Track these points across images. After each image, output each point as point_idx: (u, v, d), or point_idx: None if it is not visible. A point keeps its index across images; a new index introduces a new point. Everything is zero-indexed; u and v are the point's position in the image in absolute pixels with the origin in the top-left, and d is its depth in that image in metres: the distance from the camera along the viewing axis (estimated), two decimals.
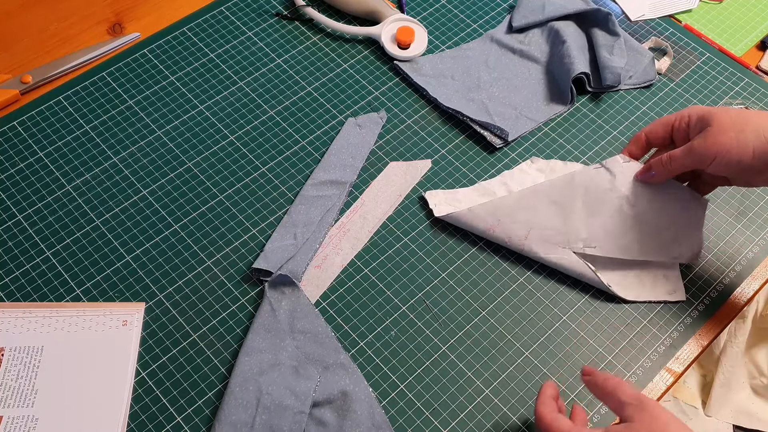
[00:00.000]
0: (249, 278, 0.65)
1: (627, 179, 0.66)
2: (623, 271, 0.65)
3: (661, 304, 0.65)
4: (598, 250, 0.64)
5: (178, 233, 0.67)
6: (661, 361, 0.62)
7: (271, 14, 0.84)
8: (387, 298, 0.64)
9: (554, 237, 0.65)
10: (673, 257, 0.65)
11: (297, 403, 0.57)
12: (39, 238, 0.66)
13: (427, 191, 0.70)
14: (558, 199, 0.66)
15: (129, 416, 0.57)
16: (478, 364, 0.61)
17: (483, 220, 0.65)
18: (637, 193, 0.65)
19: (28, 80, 0.76)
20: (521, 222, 0.65)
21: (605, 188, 0.66)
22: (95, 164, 0.71)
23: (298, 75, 0.79)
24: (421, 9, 0.86)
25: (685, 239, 0.65)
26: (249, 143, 0.73)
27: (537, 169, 0.72)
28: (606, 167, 0.66)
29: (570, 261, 0.64)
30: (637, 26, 0.85)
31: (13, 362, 0.59)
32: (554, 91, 0.78)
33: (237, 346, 0.61)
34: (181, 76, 0.78)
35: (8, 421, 0.56)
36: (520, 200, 0.66)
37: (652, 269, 0.65)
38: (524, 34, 0.83)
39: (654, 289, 0.65)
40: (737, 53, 0.83)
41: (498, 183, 0.71)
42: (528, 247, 0.64)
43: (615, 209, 0.65)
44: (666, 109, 0.78)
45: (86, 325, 0.61)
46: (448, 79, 0.79)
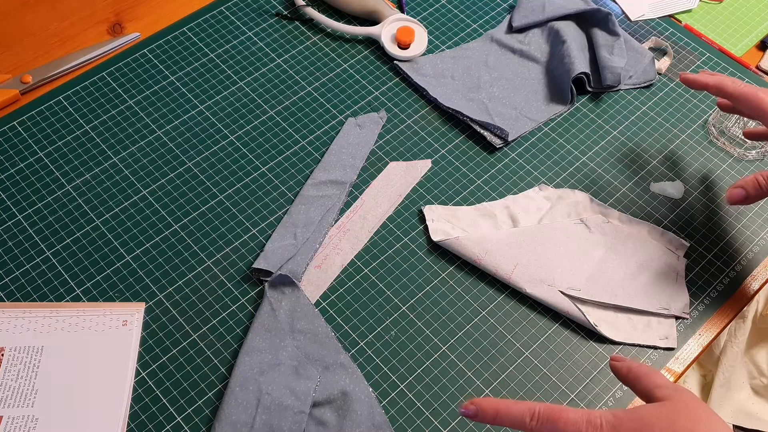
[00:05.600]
0: (249, 278, 0.65)
1: (606, 237, 0.67)
2: (614, 312, 0.64)
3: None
4: (583, 293, 0.63)
5: (178, 233, 0.67)
6: (661, 360, 0.62)
7: (271, 14, 0.84)
8: (387, 298, 0.64)
9: (539, 274, 0.64)
10: (663, 308, 0.64)
11: (297, 403, 0.57)
12: (39, 238, 0.66)
13: (427, 206, 0.69)
14: (542, 242, 0.66)
15: (129, 416, 0.57)
16: (478, 364, 0.61)
17: (470, 250, 0.65)
18: (617, 249, 0.66)
19: (28, 80, 0.76)
20: (507, 257, 0.65)
21: (585, 240, 0.67)
22: (95, 164, 0.71)
23: (298, 75, 0.79)
24: (421, 9, 0.86)
25: (672, 291, 0.65)
26: (249, 143, 0.73)
27: (544, 197, 0.70)
28: (585, 224, 0.67)
29: (556, 300, 0.63)
30: (637, 26, 0.85)
31: (13, 362, 0.59)
32: (554, 91, 0.78)
33: (237, 346, 0.61)
34: (181, 76, 0.78)
35: (8, 421, 0.56)
36: (508, 237, 0.66)
37: (644, 313, 0.64)
38: (524, 34, 0.83)
39: (645, 332, 0.63)
40: (737, 53, 0.83)
41: (500, 206, 0.69)
42: (514, 282, 0.64)
43: (596, 261, 0.65)
44: (666, 109, 0.78)
45: (86, 325, 0.61)
46: (448, 79, 0.79)
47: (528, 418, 0.44)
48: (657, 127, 0.76)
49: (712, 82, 0.65)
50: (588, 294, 0.64)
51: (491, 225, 0.68)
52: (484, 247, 0.65)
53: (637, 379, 0.47)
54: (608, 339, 0.62)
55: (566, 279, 0.64)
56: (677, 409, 0.43)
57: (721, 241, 0.69)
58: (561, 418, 0.43)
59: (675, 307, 0.64)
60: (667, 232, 0.68)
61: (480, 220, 0.68)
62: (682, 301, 0.65)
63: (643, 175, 0.73)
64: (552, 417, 0.44)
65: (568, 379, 0.61)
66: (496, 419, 0.45)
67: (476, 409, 0.46)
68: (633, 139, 0.76)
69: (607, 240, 0.67)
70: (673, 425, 0.42)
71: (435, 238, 0.67)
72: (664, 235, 0.68)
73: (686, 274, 0.66)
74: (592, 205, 0.70)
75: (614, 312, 0.64)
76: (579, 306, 0.63)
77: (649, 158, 0.74)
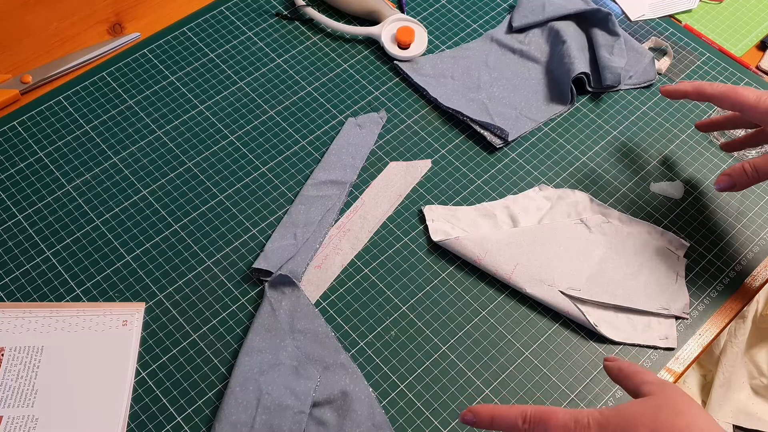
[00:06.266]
0: (249, 278, 0.65)
1: (606, 237, 0.67)
2: (614, 312, 0.64)
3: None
4: (583, 293, 0.63)
5: (178, 233, 0.67)
6: (661, 361, 0.62)
7: (271, 14, 0.84)
8: (387, 298, 0.64)
9: (539, 274, 0.64)
10: (663, 308, 0.64)
11: (297, 403, 0.57)
12: (39, 238, 0.66)
13: (427, 206, 0.69)
14: (542, 242, 0.66)
15: (129, 416, 0.57)
16: (478, 364, 0.61)
17: (470, 250, 0.65)
18: (617, 249, 0.66)
19: (28, 80, 0.76)
20: (507, 257, 0.65)
21: (585, 240, 0.67)
22: (95, 164, 0.71)
23: (298, 75, 0.79)
24: (421, 9, 0.86)
25: (672, 292, 0.65)
26: (249, 143, 0.73)
27: (544, 197, 0.70)
28: (585, 224, 0.67)
29: (556, 300, 0.63)
30: (637, 26, 0.85)
31: (13, 362, 0.59)
32: (554, 91, 0.78)
33: (237, 346, 0.61)
34: (181, 76, 0.78)
35: (8, 421, 0.56)
36: (508, 237, 0.66)
37: (644, 313, 0.64)
38: (524, 34, 0.83)
39: (645, 332, 0.63)
40: (737, 53, 0.83)
41: (500, 206, 0.69)
42: (514, 282, 0.64)
43: (596, 261, 0.65)
44: (666, 109, 0.78)
45: (86, 325, 0.61)
46: (448, 79, 0.79)
47: (521, 421, 0.46)
48: (657, 127, 0.76)
49: (691, 87, 0.66)
50: (588, 294, 0.64)
51: (491, 225, 0.68)
52: (484, 247, 0.65)
53: (626, 377, 0.49)
54: (608, 339, 0.62)
55: (566, 279, 0.64)
56: (659, 403, 0.44)
57: (721, 241, 0.69)
58: (551, 420, 0.45)
59: (675, 307, 0.64)
60: (667, 232, 0.68)
61: (480, 220, 0.68)
62: (682, 301, 0.65)
63: (643, 175, 0.73)
64: (543, 419, 0.46)
65: (568, 379, 0.61)
66: (492, 425, 0.47)
67: (473, 416, 0.48)
68: (633, 139, 0.76)
69: (607, 240, 0.67)
70: (655, 419, 0.43)
71: (435, 238, 0.67)
72: (664, 235, 0.68)
73: (686, 274, 0.66)
74: (592, 205, 0.70)
75: (614, 312, 0.64)
76: (579, 306, 0.63)
77: (649, 158, 0.74)
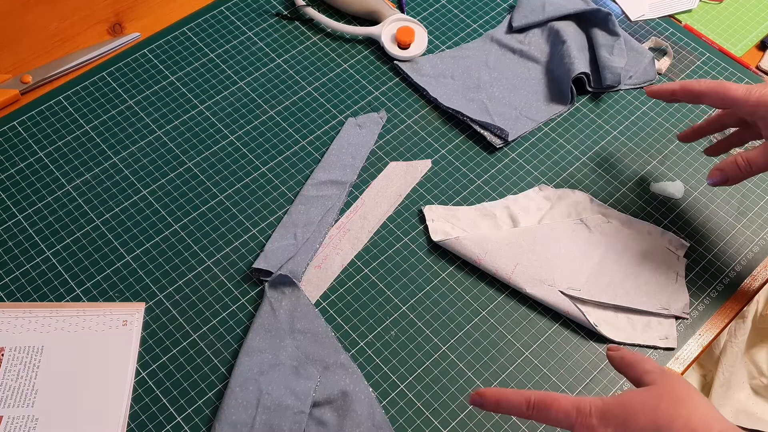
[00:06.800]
0: (249, 278, 0.65)
1: (606, 237, 0.67)
2: (614, 312, 0.64)
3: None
4: (583, 293, 0.63)
5: (178, 233, 0.67)
6: (661, 360, 0.62)
7: (271, 14, 0.84)
8: (387, 298, 0.64)
9: (539, 274, 0.64)
10: (663, 308, 0.64)
11: (297, 403, 0.57)
12: (39, 238, 0.66)
13: (427, 206, 0.69)
14: (542, 243, 0.66)
15: (129, 416, 0.57)
16: (478, 364, 0.61)
17: (470, 250, 0.65)
18: (617, 249, 0.66)
19: (28, 80, 0.76)
20: (507, 257, 0.65)
21: (585, 240, 0.67)
22: (95, 164, 0.71)
23: (298, 75, 0.79)
24: (421, 9, 0.86)
25: (672, 291, 0.65)
26: (249, 143, 0.73)
27: (544, 197, 0.70)
28: (585, 224, 0.67)
29: (556, 300, 0.63)
30: (637, 26, 0.85)
31: (13, 362, 0.59)
32: (554, 91, 0.78)
33: (237, 346, 0.61)
34: (181, 76, 0.78)
35: (8, 421, 0.56)
36: (508, 237, 0.66)
37: (644, 313, 0.64)
38: (524, 34, 0.83)
39: (645, 332, 0.63)
40: (737, 53, 0.83)
41: (500, 206, 0.69)
42: (514, 282, 0.64)
43: (596, 261, 0.65)
44: (666, 109, 0.78)
45: (86, 325, 0.61)
46: (448, 79, 0.79)
47: (525, 407, 0.47)
48: (657, 127, 0.76)
49: (678, 86, 0.65)
50: (588, 294, 0.64)
51: (491, 225, 0.68)
52: (484, 247, 0.65)
53: (629, 366, 0.50)
54: (608, 339, 0.62)
55: (566, 279, 0.64)
56: (660, 392, 0.45)
57: (721, 241, 0.69)
58: (553, 406, 0.46)
59: (675, 307, 0.64)
60: (667, 232, 0.68)
61: (480, 220, 0.68)
62: (682, 301, 0.65)
63: (643, 175, 0.73)
64: (545, 404, 0.47)
65: (568, 379, 0.61)
66: (498, 408, 0.49)
67: (480, 399, 0.49)
68: (633, 139, 0.76)
69: (607, 240, 0.67)
70: (656, 408, 0.44)
71: (435, 238, 0.67)
72: (664, 235, 0.68)
73: (686, 274, 0.66)
74: (592, 205, 0.70)
75: (614, 312, 0.64)
76: (579, 306, 0.63)
77: (649, 158, 0.74)
